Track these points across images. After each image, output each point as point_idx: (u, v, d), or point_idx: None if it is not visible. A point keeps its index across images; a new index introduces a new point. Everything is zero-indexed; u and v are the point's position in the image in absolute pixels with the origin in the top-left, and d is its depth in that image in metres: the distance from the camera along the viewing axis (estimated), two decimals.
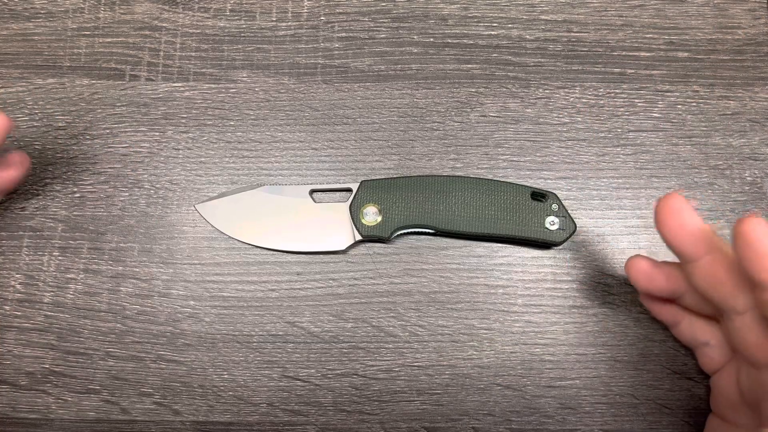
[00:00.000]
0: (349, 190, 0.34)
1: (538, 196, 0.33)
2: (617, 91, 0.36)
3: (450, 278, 0.34)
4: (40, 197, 0.35)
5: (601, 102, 0.36)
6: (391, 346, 0.34)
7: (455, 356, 0.33)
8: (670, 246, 0.25)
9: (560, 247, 0.34)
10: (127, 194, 0.35)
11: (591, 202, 0.35)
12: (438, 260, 0.34)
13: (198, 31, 0.38)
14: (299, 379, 0.33)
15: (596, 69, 0.37)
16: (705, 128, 0.36)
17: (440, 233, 0.34)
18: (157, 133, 0.36)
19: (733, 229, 0.22)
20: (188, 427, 0.33)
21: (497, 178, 0.35)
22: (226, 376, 0.33)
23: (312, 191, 0.35)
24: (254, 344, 0.34)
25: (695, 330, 0.29)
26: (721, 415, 0.29)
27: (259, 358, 0.33)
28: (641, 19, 0.37)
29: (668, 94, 0.36)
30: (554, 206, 0.33)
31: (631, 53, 0.37)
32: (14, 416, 0.33)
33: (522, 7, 0.38)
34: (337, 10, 0.38)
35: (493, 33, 0.37)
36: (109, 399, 0.33)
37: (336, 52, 0.37)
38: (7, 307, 0.34)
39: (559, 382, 0.33)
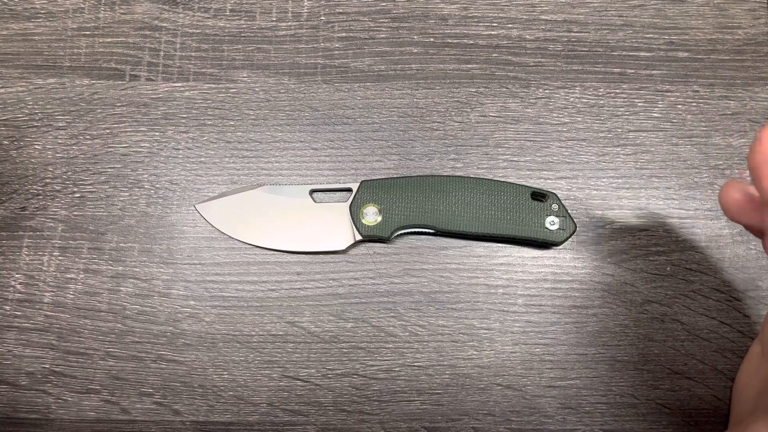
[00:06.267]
0: (349, 190, 0.34)
1: (538, 196, 0.33)
2: (617, 91, 0.36)
3: (450, 278, 0.34)
4: (40, 197, 0.35)
5: (602, 102, 0.36)
6: (391, 346, 0.34)
7: (455, 356, 0.33)
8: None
9: (560, 247, 0.34)
10: (127, 194, 0.35)
11: (591, 202, 0.35)
12: (438, 260, 0.34)
13: (198, 31, 0.38)
14: (299, 379, 0.33)
15: (596, 69, 0.37)
16: (705, 128, 0.36)
17: (440, 233, 0.34)
18: (157, 133, 0.36)
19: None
20: (188, 427, 0.33)
21: (497, 178, 0.35)
22: (226, 376, 0.33)
23: (312, 191, 0.35)
24: (254, 344, 0.34)
25: None
26: (766, 342, 0.29)
27: (259, 358, 0.33)
28: (641, 19, 0.37)
29: (668, 94, 0.36)
30: (554, 206, 0.33)
31: (631, 53, 0.37)
32: (14, 416, 0.33)
33: (522, 7, 0.38)
34: (337, 10, 0.38)
35: (493, 33, 0.37)
36: (109, 399, 0.33)
37: (336, 52, 0.37)
38: (7, 307, 0.34)
39: (559, 382, 0.33)
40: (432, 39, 0.37)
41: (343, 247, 0.34)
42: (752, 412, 0.28)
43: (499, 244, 0.35)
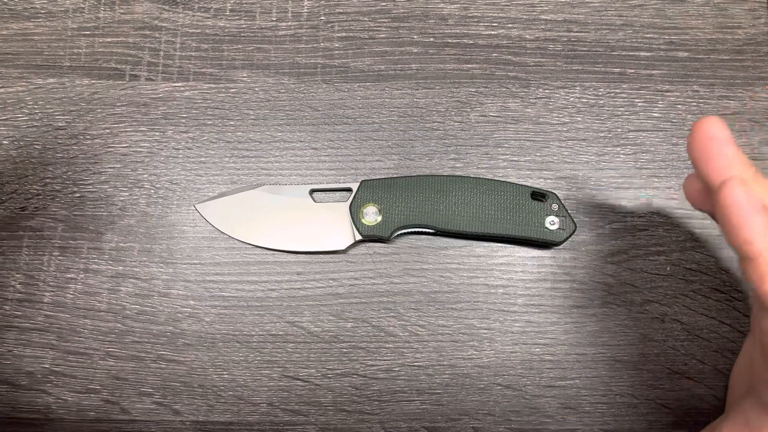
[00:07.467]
0: (349, 189, 0.34)
1: (538, 195, 0.33)
2: (617, 90, 0.36)
3: (450, 278, 0.34)
4: (40, 197, 0.35)
5: (601, 102, 0.36)
6: (391, 346, 0.34)
7: (455, 356, 0.33)
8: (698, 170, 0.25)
9: (560, 247, 0.34)
10: (127, 194, 0.35)
11: (591, 202, 0.35)
12: (438, 260, 0.34)
13: (198, 31, 0.38)
14: (299, 379, 0.33)
15: (596, 69, 0.37)
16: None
17: (440, 233, 0.34)
18: (157, 133, 0.36)
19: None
20: (188, 427, 0.33)
21: (497, 178, 0.35)
22: (226, 376, 0.33)
23: (312, 191, 0.35)
24: (254, 344, 0.34)
25: None
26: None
27: (259, 358, 0.33)
28: (641, 19, 0.37)
29: (668, 94, 0.36)
30: (554, 206, 0.33)
31: (631, 53, 0.37)
32: (14, 416, 0.33)
33: (522, 7, 0.38)
34: (337, 10, 0.38)
35: (493, 33, 0.37)
36: (109, 399, 0.33)
37: (336, 52, 0.37)
38: (7, 307, 0.34)
39: (559, 382, 0.33)
40: (432, 39, 0.37)
41: (343, 247, 0.34)
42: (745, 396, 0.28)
43: (499, 244, 0.35)
